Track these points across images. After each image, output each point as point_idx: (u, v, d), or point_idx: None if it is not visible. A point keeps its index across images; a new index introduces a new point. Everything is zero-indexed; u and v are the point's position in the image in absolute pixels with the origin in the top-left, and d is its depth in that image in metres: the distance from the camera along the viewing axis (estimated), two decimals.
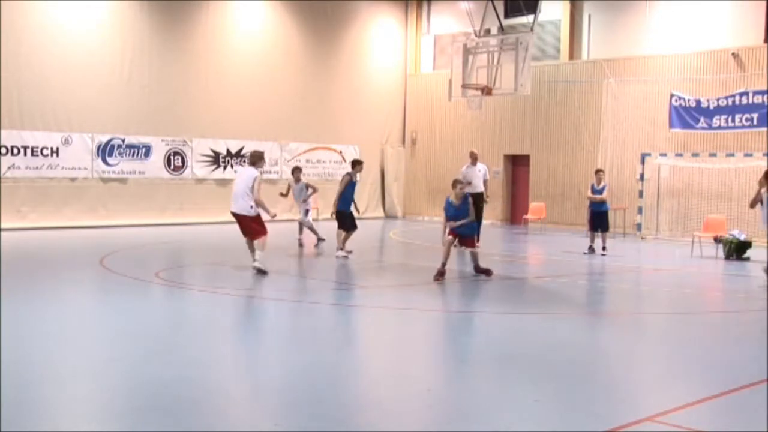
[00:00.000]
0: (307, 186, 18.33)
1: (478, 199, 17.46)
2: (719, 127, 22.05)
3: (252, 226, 13.14)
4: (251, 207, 12.93)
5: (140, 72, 22.99)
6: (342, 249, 15.91)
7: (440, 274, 12.86)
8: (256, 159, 13.35)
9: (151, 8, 23.12)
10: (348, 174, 16.41)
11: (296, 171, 18.70)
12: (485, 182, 18.41)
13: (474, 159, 18.52)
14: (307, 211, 18.39)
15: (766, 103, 21.27)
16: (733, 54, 22.08)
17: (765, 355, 8.03)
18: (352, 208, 16.52)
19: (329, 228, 17.74)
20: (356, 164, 16.69)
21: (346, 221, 16.18)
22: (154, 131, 23.40)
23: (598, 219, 18.03)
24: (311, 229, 18.28)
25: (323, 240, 17.98)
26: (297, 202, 18.69)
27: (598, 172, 18.69)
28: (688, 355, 8.42)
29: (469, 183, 17.22)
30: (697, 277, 15.30)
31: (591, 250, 17.92)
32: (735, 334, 9.70)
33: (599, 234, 18.00)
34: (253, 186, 12.88)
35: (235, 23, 25.15)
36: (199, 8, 24.18)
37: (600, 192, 18.12)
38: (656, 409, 6.15)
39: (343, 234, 16.07)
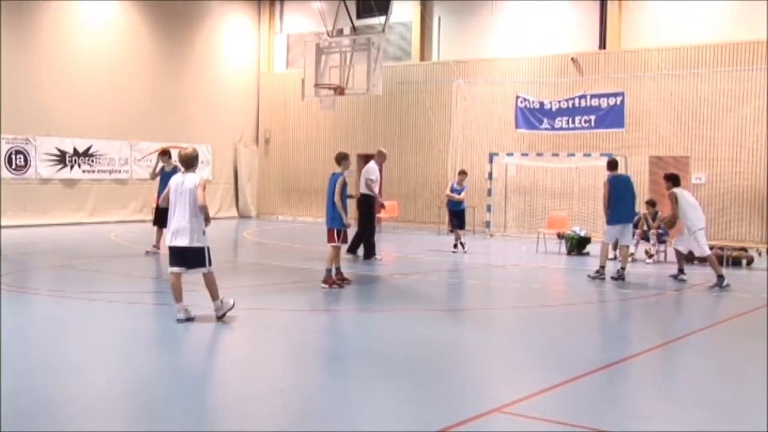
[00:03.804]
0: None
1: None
2: (561, 128, 23.15)
3: None
4: None
5: None
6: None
7: None
8: None
9: None
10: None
11: None
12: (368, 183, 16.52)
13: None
14: None
15: (602, 106, 22.52)
16: (572, 59, 23.18)
17: (602, 344, 8.51)
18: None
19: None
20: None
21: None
22: None
23: (455, 217, 18.63)
24: None
25: None
26: None
27: (461, 173, 19.21)
28: (535, 346, 8.82)
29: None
30: (542, 272, 15.99)
31: (462, 245, 18.32)
32: (577, 325, 10.22)
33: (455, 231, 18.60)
34: None
35: (82, 20, 24.23)
36: (39, 6, 23.10)
37: (459, 192, 18.66)
38: (504, 399, 6.42)
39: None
